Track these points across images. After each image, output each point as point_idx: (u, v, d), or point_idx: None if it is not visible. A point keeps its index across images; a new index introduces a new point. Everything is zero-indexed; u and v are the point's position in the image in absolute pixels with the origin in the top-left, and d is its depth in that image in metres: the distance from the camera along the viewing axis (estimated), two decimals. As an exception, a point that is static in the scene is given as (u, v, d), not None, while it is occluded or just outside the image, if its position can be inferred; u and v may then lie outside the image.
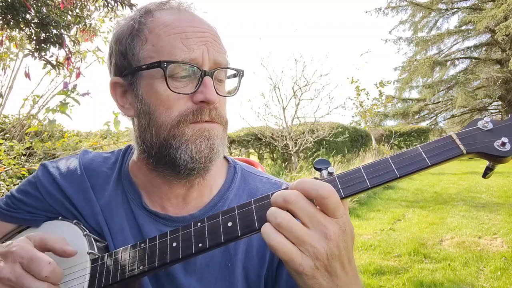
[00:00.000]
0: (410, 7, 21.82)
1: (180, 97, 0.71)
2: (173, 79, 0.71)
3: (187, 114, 0.70)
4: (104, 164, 0.87)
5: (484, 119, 0.56)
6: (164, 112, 0.71)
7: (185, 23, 0.73)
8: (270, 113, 9.96)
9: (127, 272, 0.65)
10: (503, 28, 16.78)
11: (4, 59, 4.11)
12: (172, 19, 0.73)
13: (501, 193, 7.53)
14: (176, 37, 0.71)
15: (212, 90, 0.70)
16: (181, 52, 0.70)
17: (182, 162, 0.71)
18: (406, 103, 23.04)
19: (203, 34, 0.73)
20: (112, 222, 0.79)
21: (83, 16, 3.50)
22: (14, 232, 0.86)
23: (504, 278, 3.45)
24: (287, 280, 0.76)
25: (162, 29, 0.72)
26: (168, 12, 0.76)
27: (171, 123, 0.71)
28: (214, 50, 0.73)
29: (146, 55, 0.72)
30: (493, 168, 0.57)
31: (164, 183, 0.79)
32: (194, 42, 0.71)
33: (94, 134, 6.17)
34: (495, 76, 19.09)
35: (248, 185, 0.85)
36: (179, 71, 0.71)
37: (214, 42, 0.74)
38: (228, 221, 0.61)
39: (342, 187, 0.57)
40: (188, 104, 0.71)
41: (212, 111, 0.72)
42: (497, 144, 0.53)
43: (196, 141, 0.71)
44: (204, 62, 0.71)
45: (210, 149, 0.71)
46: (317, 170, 0.60)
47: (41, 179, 0.84)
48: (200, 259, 0.76)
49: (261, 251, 0.78)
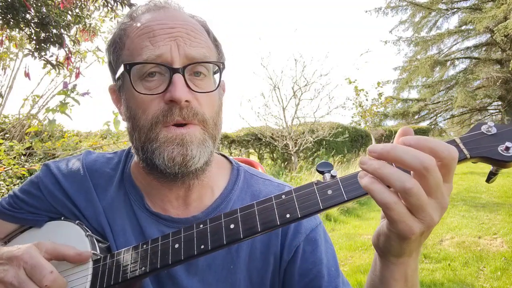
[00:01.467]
0: (410, 7, 21.83)
1: (153, 98, 0.69)
2: (144, 80, 0.70)
3: (158, 115, 0.69)
4: (107, 164, 0.87)
5: (488, 123, 0.56)
6: (142, 115, 0.70)
7: (155, 21, 0.71)
8: (270, 113, 9.97)
9: (129, 273, 0.65)
10: (502, 29, 16.80)
11: (4, 59, 4.11)
12: (145, 20, 0.73)
13: (501, 193, 7.53)
14: (144, 37, 0.70)
15: (179, 87, 0.67)
16: (147, 51, 0.68)
17: (159, 166, 0.70)
18: (406, 103, 23.05)
19: (173, 30, 0.70)
20: (114, 223, 0.79)
21: (83, 16, 3.50)
22: (16, 232, 0.85)
23: (504, 278, 3.45)
24: (299, 280, 0.76)
25: (134, 32, 0.72)
26: (146, 14, 0.75)
27: (147, 126, 0.70)
28: (185, 44, 0.69)
29: (124, 59, 0.73)
30: (496, 172, 0.57)
31: (162, 185, 0.79)
32: (161, 39, 0.69)
33: (94, 134, 6.17)
34: (495, 76, 19.10)
35: (251, 187, 0.85)
36: (147, 70, 0.69)
37: (187, 37, 0.70)
38: (230, 223, 0.61)
39: (345, 190, 0.57)
40: (161, 105, 0.69)
41: (183, 110, 0.68)
42: (501, 148, 0.53)
43: (168, 147, 0.68)
44: (173, 58, 0.68)
45: (183, 156, 0.68)
46: (320, 173, 0.60)
47: (43, 179, 0.83)
48: (202, 261, 0.76)
49: (265, 253, 0.78)
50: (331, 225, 5.63)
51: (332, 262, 0.79)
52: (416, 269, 0.59)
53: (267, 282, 0.77)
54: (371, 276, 0.64)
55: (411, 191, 0.47)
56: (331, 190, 0.57)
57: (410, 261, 0.57)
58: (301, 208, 0.57)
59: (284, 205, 0.59)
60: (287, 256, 0.77)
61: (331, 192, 0.57)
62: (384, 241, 0.56)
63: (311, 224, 0.80)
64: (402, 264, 0.57)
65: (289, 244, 0.77)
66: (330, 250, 0.81)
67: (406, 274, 0.58)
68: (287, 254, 0.77)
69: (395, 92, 23.21)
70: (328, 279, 0.75)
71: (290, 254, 0.77)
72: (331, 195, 0.57)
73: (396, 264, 0.58)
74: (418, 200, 0.48)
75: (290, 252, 0.77)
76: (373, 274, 0.63)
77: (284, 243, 0.78)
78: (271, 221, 0.58)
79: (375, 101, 14.98)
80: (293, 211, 0.58)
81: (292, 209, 0.58)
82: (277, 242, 0.78)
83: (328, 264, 0.77)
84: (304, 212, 0.57)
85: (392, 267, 0.58)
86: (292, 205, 0.58)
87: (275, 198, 0.60)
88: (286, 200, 0.59)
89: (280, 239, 0.78)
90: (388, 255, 0.58)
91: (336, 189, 0.57)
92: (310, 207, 0.57)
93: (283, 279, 0.78)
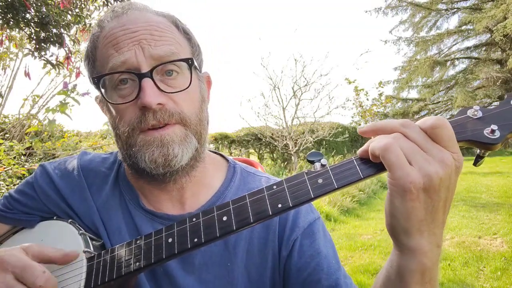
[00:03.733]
0: (410, 7, 21.83)
1: (127, 106, 0.69)
2: (117, 89, 0.70)
3: (133, 122, 0.69)
4: (103, 164, 0.88)
5: (474, 107, 0.57)
6: (119, 124, 0.71)
7: (118, 28, 0.70)
8: (270, 113, 9.97)
9: (123, 269, 0.65)
10: (501, 29, 16.78)
11: (4, 59, 4.11)
12: (109, 28, 0.72)
13: (501, 193, 7.52)
14: (109, 45, 0.70)
15: (148, 92, 0.66)
16: (113, 59, 0.68)
17: (145, 169, 0.71)
18: (406, 103, 23.04)
19: (135, 34, 0.69)
20: (109, 222, 0.79)
21: (83, 16, 3.50)
22: (9, 233, 0.85)
23: (504, 278, 3.44)
24: (298, 274, 0.75)
25: (101, 42, 0.72)
26: (112, 21, 0.73)
27: (125, 133, 0.71)
28: (149, 45, 0.68)
29: (97, 71, 0.73)
30: (483, 155, 0.57)
31: (154, 187, 0.79)
32: (124, 45, 0.68)
33: (94, 134, 6.18)
34: (495, 76, 19.08)
35: (247, 185, 0.85)
36: (116, 79, 0.69)
37: (150, 37, 0.69)
38: (223, 215, 0.61)
39: (335, 178, 0.57)
40: (136, 111, 0.69)
41: (157, 113, 0.67)
42: (487, 131, 0.54)
43: (148, 150, 0.69)
44: (139, 62, 0.67)
45: (165, 157, 0.68)
46: (310, 162, 0.60)
47: (39, 179, 0.84)
48: (199, 259, 0.75)
49: (263, 250, 0.77)
50: (331, 225, 5.62)
51: (332, 255, 0.76)
52: (436, 263, 0.54)
53: (266, 279, 0.76)
54: (388, 270, 0.59)
55: (396, 136, 0.52)
56: (321, 178, 0.57)
57: (423, 243, 0.52)
58: (292, 198, 0.57)
59: (276, 196, 0.59)
60: (285, 252, 0.76)
61: (322, 181, 0.57)
62: (389, 205, 0.53)
63: (308, 218, 0.79)
64: (416, 250, 0.53)
65: (287, 239, 0.76)
66: (329, 244, 0.79)
67: (423, 265, 0.53)
68: (285, 250, 0.76)
69: (395, 92, 23.19)
70: (328, 271, 0.73)
71: (288, 249, 0.76)
72: (322, 183, 0.57)
73: (409, 248, 0.53)
74: (407, 143, 0.52)
75: (288, 247, 0.76)
76: (389, 267, 0.59)
77: (282, 239, 0.77)
78: (263, 212, 0.58)
79: (376, 101, 14.98)
80: (284, 200, 0.58)
81: (284, 199, 0.58)
82: (275, 238, 0.77)
83: (328, 257, 0.75)
84: (296, 202, 0.57)
85: (406, 252, 0.54)
86: (283, 195, 0.58)
87: (266, 189, 0.60)
88: (278, 191, 0.59)
89: (277, 235, 0.77)
90: (399, 231, 0.53)
91: (327, 178, 0.57)
92: (301, 196, 0.57)
93: (283, 276, 0.77)
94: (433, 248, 0.54)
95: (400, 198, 0.51)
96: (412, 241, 0.53)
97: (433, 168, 0.50)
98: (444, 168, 0.50)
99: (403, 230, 0.53)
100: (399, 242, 0.55)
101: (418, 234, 0.53)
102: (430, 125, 0.52)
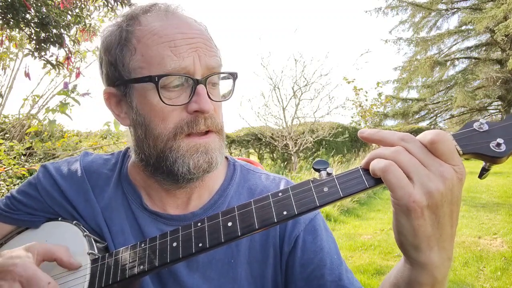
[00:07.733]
0: (410, 7, 21.84)
1: (174, 108, 0.70)
2: (166, 90, 0.70)
3: (182, 125, 0.70)
4: (105, 165, 0.88)
5: (480, 121, 0.57)
6: (159, 124, 0.71)
7: (173, 29, 0.71)
8: (270, 113, 9.97)
9: (127, 272, 0.65)
10: (502, 29, 16.80)
11: (4, 59, 4.11)
12: (159, 26, 0.71)
13: (501, 193, 7.53)
14: (165, 46, 0.69)
15: (206, 98, 0.69)
16: (171, 62, 0.68)
17: (180, 174, 0.72)
18: (406, 103, 23.05)
19: (193, 40, 0.71)
20: (112, 223, 0.79)
21: (83, 16, 3.50)
22: (13, 233, 0.86)
23: (504, 278, 3.45)
24: (302, 270, 0.75)
25: (150, 38, 0.71)
26: (155, 18, 0.73)
27: (168, 135, 0.70)
28: (205, 55, 0.71)
29: (136, 65, 0.71)
30: (489, 168, 0.57)
31: (163, 189, 0.80)
32: (183, 50, 0.69)
33: (94, 134, 6.18)
34: (495, 76, 19.10)
35: (247, 182, 0.86)
36: (171, 81, 0.70)
37: (204, 47, 0.72)
38: (228, 221, 0.62)
39: (341, 187, 0.57)
40: (182, 115, 0.70)
41: (207, 119, 0.71)
42: (493, 145, 0.54)
43: (193, 156, 0.71)
44: (196, 69, 0.70)
45: (209, 163, 0.72)
46: (316, 170, 0.60)
47: (42, 180, 0.84)
48: (203, 256, 0.76)
49: (264, 246, 0.78)
50: (331, 225, 5.63)
51: (334, 250, 0.78)
52: (446, 275, 0.55)
53: (268, 275, 0.77)
54: (397, 278, 0.60)
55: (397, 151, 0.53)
56: (327, 187, 0.58)
57: (434, 258, 0.53)
58: (298, 206, 0.58)
59: (281, 203, 0.59)
60: (288, 248, 0.77)
61: (327, 189, 0.57)
62: (396, 223, 0.53)
63: (309, 214, 0.80)
64: (427, 264, 0.53)
65: (289, 235, 0.77)
66: (331, 239, 0.80)
67: (434, 279, 0.54)
68: (287, 246, 0.77)
69: (395, 92, 23.21)
70: (331, 266, 0.75)
71: (290, 245, 0.77)
72: (327, 192, 0.57)
73: (420, 262, 0.54)
74: (408, 158, 0.52)
75: (290, 243, 0.77)
76: (399, 277, 0.59)
77: (283, 235, 0.78)
78: (268, 219, 0.59)
79: (375, 101, 15.00)
80: (290, 208, 0.58)
81: (289, 206, 0.58)
82: (276, 234, 0.78)
83: (330, 252, 0.77)
84: (301, 209, 0.57)
85: (417, 266, 0.54)
86: (289, 202, 0.59)
87: (272, 196, 0.61)
88: (283, 198, 0.60)
89: (279, 231, 0.78)
90: (408, 247, 0.54)
91: (332, 186, 0.57)
92: (307, 204, 0.57)
93: (285, 272, 0.78)
94: (444, 262, 0.54)
95: (405, 217, 0.51)
96: (422, 256, 0.53)
97: (433, 184, 0.50)
98: (444, 183, 0.50)
99: (412, 246, 0.53)
100: (410, 257, 0.55)
101: (427, 249, 0.53)
102: (429, 140, 0.52)
